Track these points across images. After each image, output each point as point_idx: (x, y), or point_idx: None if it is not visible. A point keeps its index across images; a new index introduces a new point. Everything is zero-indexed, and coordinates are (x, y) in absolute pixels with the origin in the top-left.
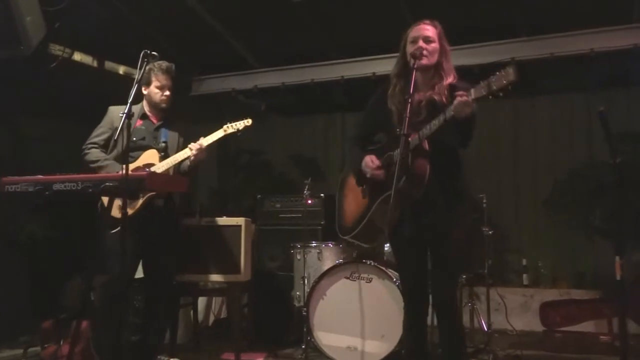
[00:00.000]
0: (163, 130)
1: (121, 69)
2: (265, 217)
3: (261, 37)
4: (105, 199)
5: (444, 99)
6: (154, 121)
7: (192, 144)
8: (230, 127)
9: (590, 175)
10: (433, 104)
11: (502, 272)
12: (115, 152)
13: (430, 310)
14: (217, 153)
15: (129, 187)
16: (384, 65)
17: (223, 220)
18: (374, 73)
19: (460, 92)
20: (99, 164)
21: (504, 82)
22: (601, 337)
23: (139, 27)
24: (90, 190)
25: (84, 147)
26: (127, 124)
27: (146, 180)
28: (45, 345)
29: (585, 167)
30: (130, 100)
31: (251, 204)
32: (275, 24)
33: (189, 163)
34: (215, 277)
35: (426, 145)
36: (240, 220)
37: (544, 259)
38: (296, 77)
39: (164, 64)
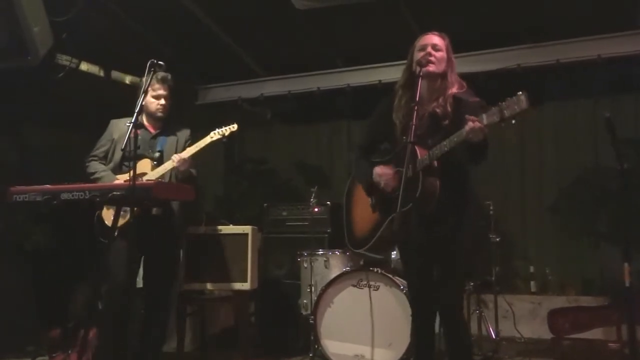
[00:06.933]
0: (160, 139)
1: (127, 79)
2: (272, 225)
3: (267, 45)
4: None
5: (446, 111)
6: (151, 130)
7: (175, 154)
8: (217, 134)
9: (597, 182)
10: (434, 117)
11: (509, 279)
12: (112, 164)
13: (438, 318)
14: (223, 161)
15: (136, 196)
16: (390, 73)
17: (229, 229)
18: (380, 81)
19: (472, 118)
20: (95, 175)
21: (517, 109)
22: (610, 344)
23: (145, 37)
24: (98, 199)
25: (85, 160)
26: (135, 134)
27: (153, 189)
28: (53, 355)
29: (591, 173)
30: (137, 110)
31: (257, 212)
32: (281, 32)
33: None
34: (222, 286)
35: (435, 164)
36: (246, 229)
37: (551, 265)
38: (302, 85)
39: (160, 73)
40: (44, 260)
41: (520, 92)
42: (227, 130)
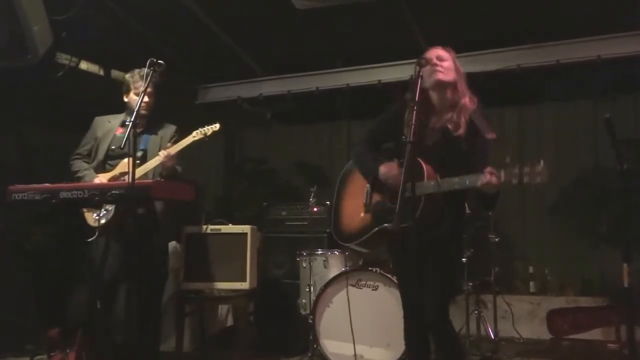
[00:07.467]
0: (144, 137)
1: None
2: (271, 224)
3: (267, 45)
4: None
5: (459, 128)
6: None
7: (162, 150)
8: (199, 133)
9: (597, 182)
10: (445, 134)
11: (508, 279)
12: (95, 162)
13: None
14: (223, 161)
15: (135, 195)
16: (390, 73)
17: (229, 228)
18: (379, 81)
19: (490, 170)
20: (78, 174)
21: (538, 180)
22: (609, 345)
23: (145, 36)
24: (97, 198)
25: (70, 158)
26: (134, 133)
27: (152, 188)
28: (51, 354)
29: (591, 174)
30: (136, 109)
31: (257, 212)
32: (281, 32)
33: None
34: (221, 285)
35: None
36: (246, 228)
37: (550, 266)
38: (301, 85)
39: (143, 69)
40: (44, 260)
41: (542, 163)
42: (209, 129)
